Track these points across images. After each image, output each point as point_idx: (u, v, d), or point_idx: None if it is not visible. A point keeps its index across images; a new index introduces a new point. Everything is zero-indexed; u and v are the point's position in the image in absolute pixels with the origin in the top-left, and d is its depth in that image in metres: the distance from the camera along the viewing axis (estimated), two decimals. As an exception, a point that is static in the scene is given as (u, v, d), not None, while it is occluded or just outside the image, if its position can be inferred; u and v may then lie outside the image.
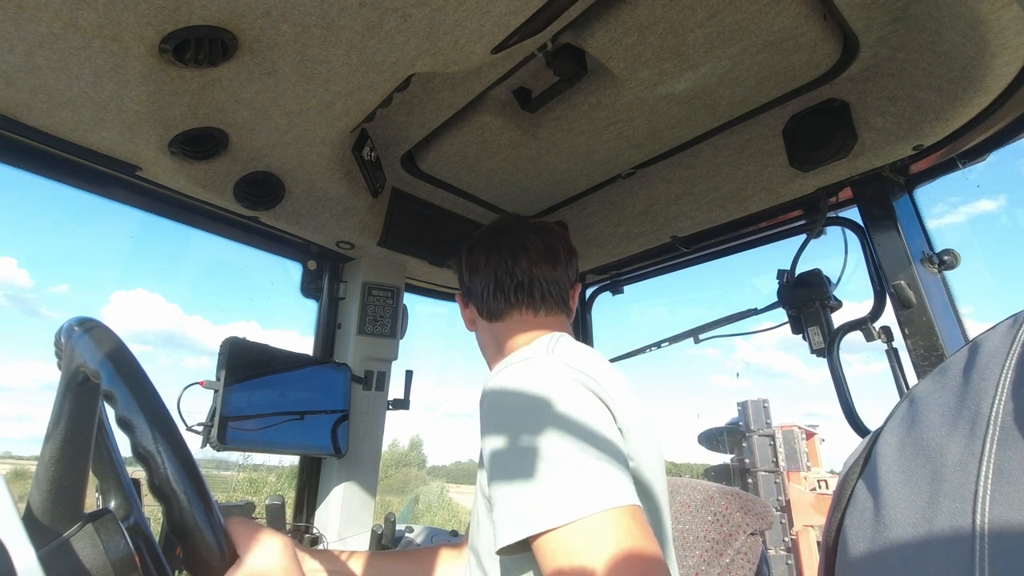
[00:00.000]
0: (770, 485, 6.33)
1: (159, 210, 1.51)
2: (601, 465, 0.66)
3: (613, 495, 0.63)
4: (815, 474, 6.43)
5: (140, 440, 0.40)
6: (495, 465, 0.70)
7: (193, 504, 0.40)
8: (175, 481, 0.40)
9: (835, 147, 1.23)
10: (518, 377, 0.75)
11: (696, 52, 1.10)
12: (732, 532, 1.11)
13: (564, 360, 0.78)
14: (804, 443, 6.50)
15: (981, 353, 0.46)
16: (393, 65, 1.05)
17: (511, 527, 0.65)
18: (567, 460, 0.66)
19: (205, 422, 1.42)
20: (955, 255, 1.24)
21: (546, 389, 0.72)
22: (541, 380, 0.74)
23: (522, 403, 0.72)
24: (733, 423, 6.85)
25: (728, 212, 1.52)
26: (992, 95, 1.04)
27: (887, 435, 0.52)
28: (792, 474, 6.33)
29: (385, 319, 1.89)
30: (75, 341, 0.47)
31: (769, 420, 6.56)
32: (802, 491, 6.23)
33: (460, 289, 1.13)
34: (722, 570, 1.08)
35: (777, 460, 6.34)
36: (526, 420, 0.70)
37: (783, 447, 6.38)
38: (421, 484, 28.71)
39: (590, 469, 0.65)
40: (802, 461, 6.37)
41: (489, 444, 0.71)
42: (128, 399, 0.42)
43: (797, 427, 6.55)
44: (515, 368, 0.77)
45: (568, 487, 0.64)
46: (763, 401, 6.60)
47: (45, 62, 0.96)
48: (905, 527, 0.42)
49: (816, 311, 1.40)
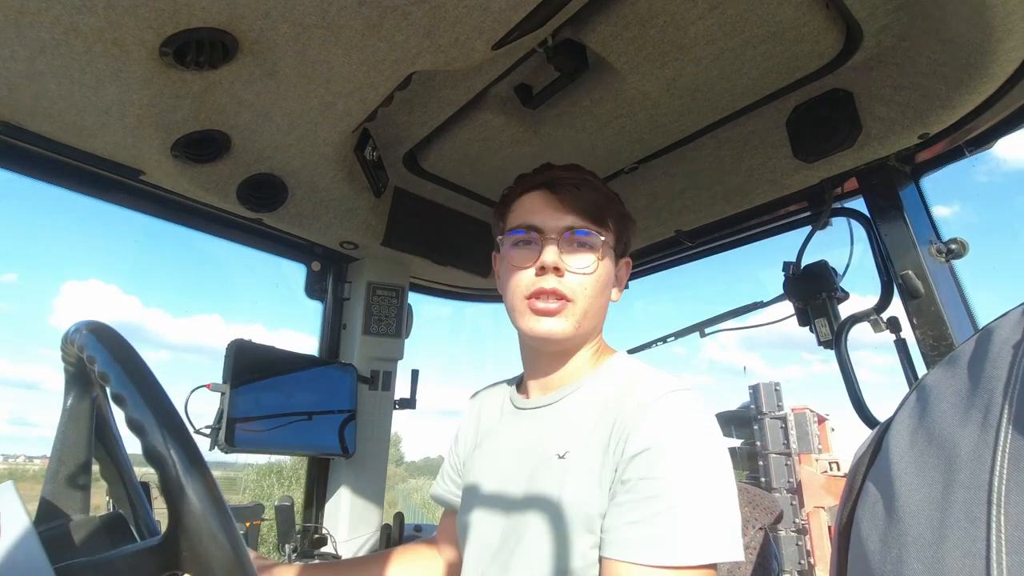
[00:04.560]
0: (781, 467, 6.33)
1: (163, 214, 1.52)
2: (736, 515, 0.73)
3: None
4: (826, 457, 6.44)
5: (151, 442, 0.40)
6: (675, 484, 0.71)
7: (205, 505, 0.40)
8: (186, 482, 0.40)
9: (840, 137, 1.22)
10: (697, 408, 0.78)
11: (697, 45, 1.09)
12: (742, 527, 1.10)
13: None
14: (816, 426, 6.50)
15: (992, 342, 0.46)
16: (394, 64, 1.05)
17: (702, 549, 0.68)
18: (733, 501, 0.73)
19: (213, 425, 1.43)
20: (963, 244, 1.23)
21: (717, 430, 0.79)
22: (712, 420, 0.79)
23: (708, 437, 0.76)
24: (745, 406, 6.85)
25: (732, 205, 1.51)
26: (998, 81, 1.03)
27: (897, 426, 0.51)
28: (803, 456, 6.34)
29: (390, 319, 1.89)
30: (83, 342, 0.47)
31: (781, 403, 6.58)
32: (813, 473, 6.23)
33: (606, 239, 0.90)
34: (732, 565, 1.08)
35: (788, 442, 6.34)
36: (711, 456, 0.75)
37: (795, 429, 6.39)
38: (400, 481, 28.47)
39: (734, 519, 0.73)
40: (813, 443, 6.38)
41: (673, 462, 0.73)
42: (137, 400, 0.42)
43: (809, 410, 6.55)
44: (691, 397, 0.79)
45: (720, 530, 0.70)
46: (775, 384, 6.61)
47: (47, 68, 0.96)
48: (919, 517, 0.42)
49: (823, 303, 1.39)
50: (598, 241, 0.88)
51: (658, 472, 0.71)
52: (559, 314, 0.86)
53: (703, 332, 1.69)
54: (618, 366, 0.91)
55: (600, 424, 0.81)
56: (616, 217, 0.92)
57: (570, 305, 0.86)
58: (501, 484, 0.89)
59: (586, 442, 0.81)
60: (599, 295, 0.89)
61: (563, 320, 0.86)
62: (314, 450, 1.71)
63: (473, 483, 0.95)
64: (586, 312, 0.87)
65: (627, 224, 0.96)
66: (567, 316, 0.86)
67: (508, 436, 0.95)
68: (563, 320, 0.86)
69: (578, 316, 0.86)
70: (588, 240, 0.87)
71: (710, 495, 0.71)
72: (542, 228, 0.87)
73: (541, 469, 0.83)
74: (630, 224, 0.97)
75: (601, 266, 0.88)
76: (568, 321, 0.86)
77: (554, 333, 0.86)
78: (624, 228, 0.95)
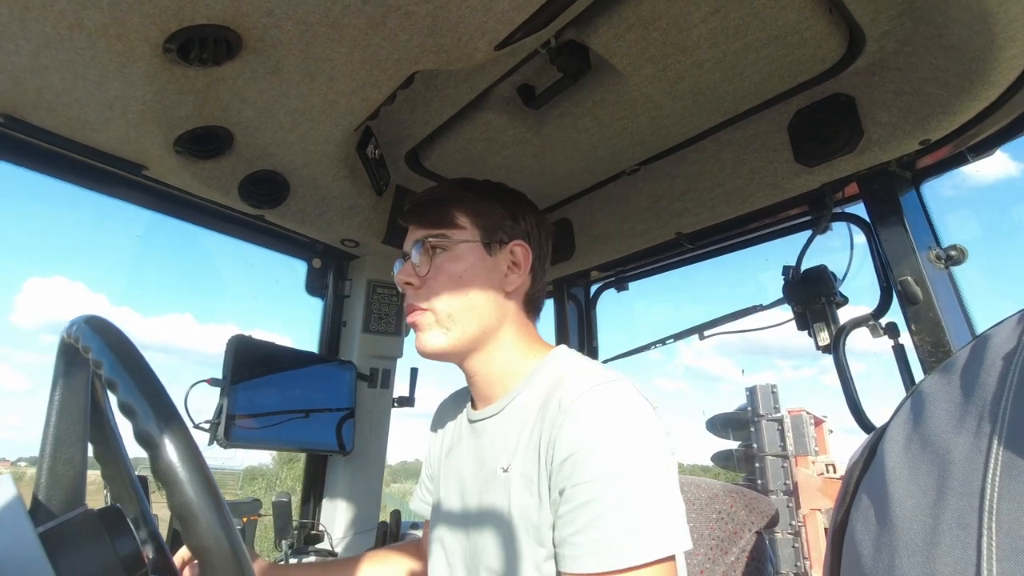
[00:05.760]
0: (777, 469, 6.33)
1: (165, 209, 1.52)
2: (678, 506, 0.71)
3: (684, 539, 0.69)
4: (823, 459, 6.43)
5: (142, 425, 0.41)
6: (606, 485, 0.68)
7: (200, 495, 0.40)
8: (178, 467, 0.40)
9: (841, 142, 1.22)
10: (623, 400, 0.74)
11: (700, 47, 1.09)
12: (737, 530, 1.10)
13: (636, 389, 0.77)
14: (812, 428, 6.50)
15: (988, 349, 0.46)
16: (397, 62, 1.05)
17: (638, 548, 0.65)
18: (671, 495, 0.70)
19: (211, 420, 1.43)
20: (962, 250, 1.23)
21: (646, 420, 0.73)
22: (640, 409, 0.74)
23: (634, 429, 0.72)
24: (742, 409, 6.85)
25: (733, 208, 1.51)
26: (1000, 88, 1.03)
27: (893, 431, 0.51)
28: (800, 459, 6.33)
29: (390, 317, 1.90)
30: (80, 333, 0.47)
31: (777, 405, 6.57)
32: (809, 475, 6.22)
33: (518, 236, 0.92)
34: (727, 568, 1.08)
35: (785, 444, 6.33)
36: (639, 448, 0.70)
37: (791, 431, 6.38)
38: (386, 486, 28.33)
39: (678, 509, 0.70)
40: (810, 445, 6.37)
41: (600, 463, 0.69)
42: (129, 385, 0.42)
43: (805, 412, 6.54)
44: (613, 388, 0.74)
45: (666, 522, 0.67)
46: (771, 386, 6.60)
47: (51, 62, 0.96)
48: (911, 523, 0.42)
49: (822, 307, 1.39)
50: (443, 240, 0.87)
51: (589, 475, 0.68)
52: (421, 326, 0.86)
53: (702, 335, 1.69)
54: (551, 366, 0.86)
55: (534, 431, 0.79)
56: (472, 211, 0.90)
57: (428, 314, 0.85)
58: (460, 500, 0.88)
59: (523, 452, 0.79)
60: (462, 293, 0.85)
61: (429, 331, 0.86)
62: (312, 447, 1.72)
63: (438, 499, 0.95)
64: (450, 314, 0.85)
65: (492, 211, 0.91)
66: (429, 325, 0.86)
67: (464, 451, 0.93)
68: (429, 331, 0.86)
69: (443, 321, 0.85)
70: (435, 243, 0.88)
71: (647, 489, 0.68)
72: (405, 252, 0.92)
73: (490, 484, 0.82)
74: (498, 211, 0.92)
75: (453, 264, 0.86)
76: (433, 330, 0.86)
77: (425, 347, 0.86)
78: (489, 215, 0.91)
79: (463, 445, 0.94)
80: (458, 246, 0.87)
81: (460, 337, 0.85)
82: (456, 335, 0.85)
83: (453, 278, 0.85)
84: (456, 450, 0.95)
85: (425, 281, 0.86)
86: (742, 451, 6.82)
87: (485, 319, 0.86)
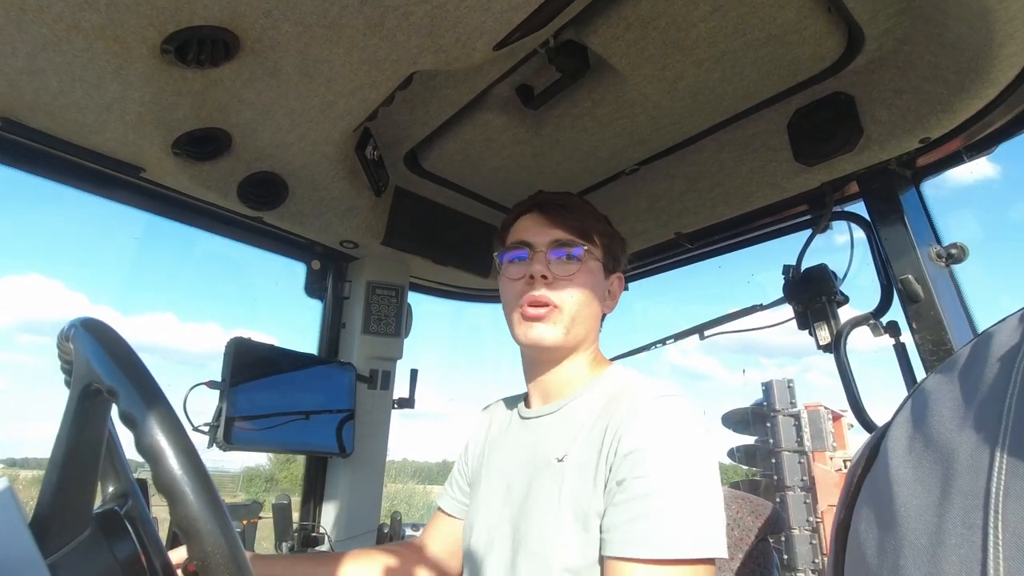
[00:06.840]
0: (795, 465, 6.28)
1: (164, 211, 1.52)
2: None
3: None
4: (841, 455, 6.36)
5: (144, 437, 0.40)
6: (665, 482, 0.74)
7: (200, 500, 0.39)
8: (181, 478, 0.40)
9: (840, 141, 1.22)
10: (687, 412, 0.82)
11: (699, 47, 1.09)
12: (743, 536, 1.10)
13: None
14: (830, 423, 6.44)
15: (991, 347, 0.46)
16: (395, 63, 1.05)
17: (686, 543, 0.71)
18: (719, 505, 0.76)
19: (211, 422, 1.43)
20: (963, 248, 1.23)
21: (704, 434, 0.82)
22: (701, 424, 0.82)
23: (695, 440, 0.79)
24: (758, 404, 6.81)
25: (732, 208, 1.51)
26: (999, 87, 1.03)
27: (895, 430, 0.51)
28: (818, 454, 6.28)
29: (389, 318, 1.89)
30: (79, 342, 0.47)
31: (794, 400, 6.53)
32: (827, 471, 6.16)
33: (604, 258, 1.01)
34: (732, 575, 1.08)
35: (802, 440, 6.29)
36: (698, 457, 0.77)
37: (808, 427, 6.34)
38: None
39: (722, 519, 0.76)
40: (828, 441, 6.33)
41: (663, 461, 0.76)
42: (131, 395, 0.42)
43: (823, 407, 6.50)
44: (680, 402, 0.83)
45: (711, 527, 0.73)
46: (788, 381, 6.56)
47: (48, 64, 0.96)
48: (916, 524, 0.42)
49: (823, 306, 1.39)
50: (583, 252, 0.95)
51: (650, 470, 0.75)
52: (547, 319, 0.92)
53: (702, 335, 1.68)
54: (614, 376, 0.96)
55: (596, 427, 0.85)
56: (603, 234, 1.00)
57: (557, 311, 0.92)
58: (506, 490, 0.94)
59: (582, 444, 0.85)
60: (587, 303, 0.95)
61: (552, 325, 0.92)
62: (312, 449, 1.71)
63: (481, 489, 1.00)
64: (574, 318, 0.93)
65: (615, 241, 1.04)
66: (555, 321, 0.92)
67: (513, 444, 1.00)
68: (552, 325, 0.92)
69: (566, 321, 0.93)
70: (574, 251, 0.95)
71: (700, 493, 0.74)
72: (532, 243, 0.96)
73: (541, 474, 0.88)
74: (619, 242, 1.05)
75: (587, 275, 0.95)
76: (557, 326, 0.92)
77: (544, 339, 0.92)
78: (612, 244, 1.02)
79: (512, 439, 1.02)
80: (592, 261, 0.97)
81: (573, 339, 0.94)
82: (572, 336, 0.94)
83: (585, 287, 0.94)
84: (503, 444, 1.03)
85: (557, 279, 0.93)
86: (757, 446, 6.75)
87: (588, 330, 0.97)
